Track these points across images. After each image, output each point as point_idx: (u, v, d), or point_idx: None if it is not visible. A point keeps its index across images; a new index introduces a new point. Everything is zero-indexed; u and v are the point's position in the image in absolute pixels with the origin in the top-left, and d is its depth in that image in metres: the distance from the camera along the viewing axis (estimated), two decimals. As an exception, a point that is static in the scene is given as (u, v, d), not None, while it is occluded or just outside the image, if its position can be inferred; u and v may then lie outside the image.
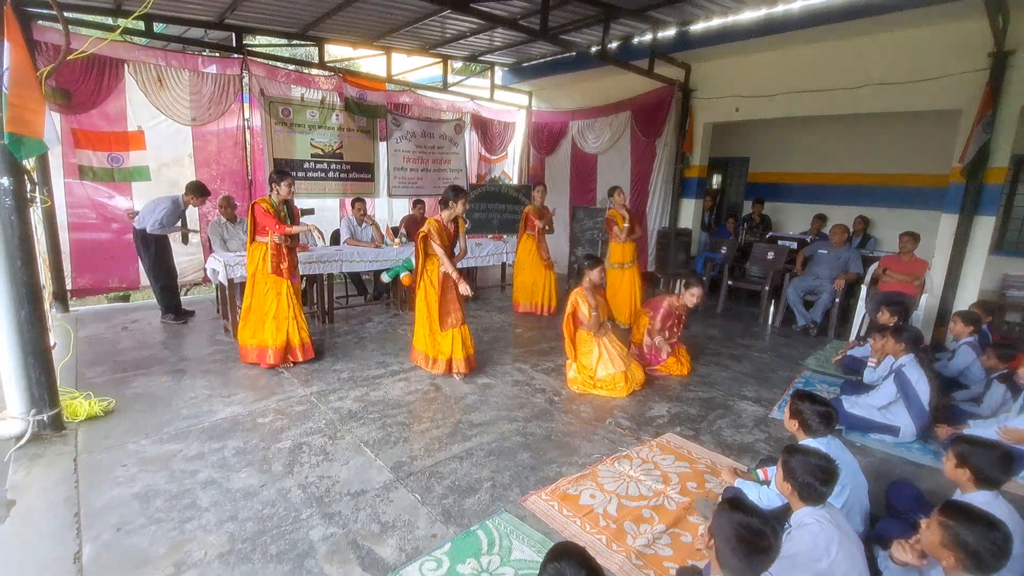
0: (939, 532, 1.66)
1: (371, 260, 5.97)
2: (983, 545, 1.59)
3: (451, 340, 4.20)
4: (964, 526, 1.62)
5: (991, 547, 1.58)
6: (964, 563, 1.60)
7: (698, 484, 2.85)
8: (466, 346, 4.24)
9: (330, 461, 2.97)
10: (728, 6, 5.96)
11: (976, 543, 1.59)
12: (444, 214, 4.17)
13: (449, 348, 4.20)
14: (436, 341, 4.23)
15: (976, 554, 1.59)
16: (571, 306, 4.23)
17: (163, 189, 5.98)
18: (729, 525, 1.53)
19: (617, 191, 6.00)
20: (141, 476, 2.81)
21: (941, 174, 6.29)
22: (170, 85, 5.97)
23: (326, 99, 7.03)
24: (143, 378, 4.13)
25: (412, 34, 6.98)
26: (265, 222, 4.19)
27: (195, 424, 3.38)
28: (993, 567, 1.58)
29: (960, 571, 1.62)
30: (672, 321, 4.64)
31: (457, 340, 4.20)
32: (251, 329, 4.35)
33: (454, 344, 4.20)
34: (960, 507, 1.70)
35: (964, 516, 1.65)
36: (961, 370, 4.23)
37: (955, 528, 1.63)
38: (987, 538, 1.59)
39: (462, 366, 4.23)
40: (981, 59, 5.10)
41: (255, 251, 4.31)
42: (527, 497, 2.67)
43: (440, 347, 4.22)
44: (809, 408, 2.37)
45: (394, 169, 7.94)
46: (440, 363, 4.24)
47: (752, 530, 1.50)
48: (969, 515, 1.65)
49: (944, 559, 1.65)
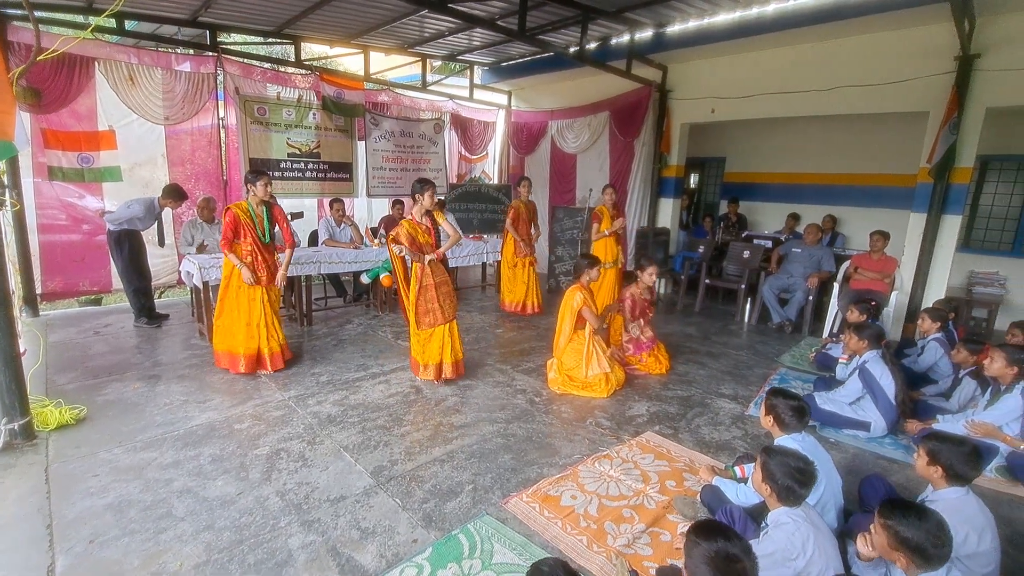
0: (883, 535, 1.69)
1: (350, 261, 5.91)
2: (922, 538, 1.61)
3: (439, 344, 4.12)
4: (900, 523, 1.65)
5: (929, 538, 1.61)
6: (914, 560, 1.63)
7: (677, 482, 2.89)
8: (455, 350, 4.17)
9: (309, 467, 2.94)
10: (703, 8, 6.05)
11: (916, 538, 1.62)
12: (414, 210, 4.10)
13: (438, 352, 4.12)
14: (424, 346, 4.14)
15: (920, 549, 1.61)
16: (579, 303, 4.17)
17: (135, 190, 5.85)
18: (703, 558, 1.48)
19: (608, 190, 6.07)
20: (114, 486, 2.74)
21: (909, 174, 6.48)
22: (142, 83, 5.83)
23: (303, 98, 6.93)
24: (116, 384, 4.03)
25: (390, 33, 6.93)
26: (223, 234, 4.09)
27: (170, 431, 3.31)
28: (938, 557, 1.60)
29: (915, 569, 1.64)
30: (640, 308, 4.73)
31: (446, 344, 4.12)
32: (222, 334, 4.25)
33: (443, 348, 4.12)
34: (894, 505, 1.73)
35: (898, 513, 1.68)
36: (930, 365, 4.35)
37: (894, 527, 1.66)
38: (923, 530, 1.62)
39: (449, 371, 4.16)
40: (947, 63, 5.26)
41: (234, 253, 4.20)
42: (508, 499, 2.68)
43: (429, 352, 4.13)
44: (783, 404, 2.42)
45: (373, 169, 7.87)
46: (430, 368, 4.15)
47: (727, 557, 1.46)
48: (903, 511, 1.68)
49: (897, 561, 1.68)
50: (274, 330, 4.31)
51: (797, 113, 6.52)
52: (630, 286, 4.85)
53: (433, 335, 4.10)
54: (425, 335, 4.10)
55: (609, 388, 4.13)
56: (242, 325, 4.19)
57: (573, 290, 4.25)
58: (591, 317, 4.18)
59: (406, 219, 4.08)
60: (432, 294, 4.06)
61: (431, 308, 4.07)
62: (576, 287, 4.26)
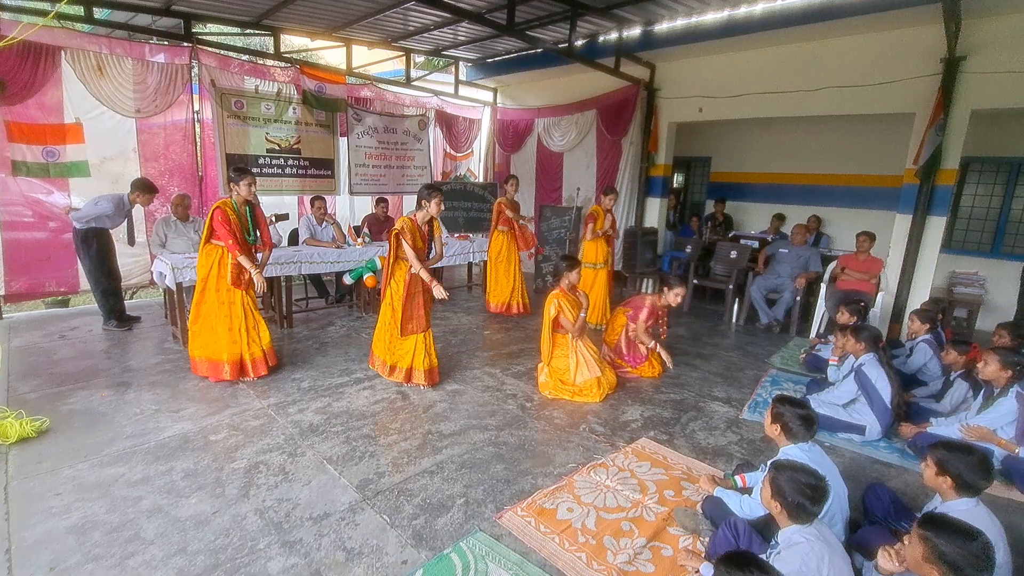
0: (920, 547, 1.64)
1: (333, 261, 5.71)
2: (964, 558, 1.56)
3: (412, 348, 4.01)
4: (943, 539, 1.59)
5: (972, 559, 1.56)
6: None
7: (675, 492, 2.80)
8: (429, 356, 4.04)
9: (290, 482, 2.78)
10: (692, 6, 6.00)
11: (957, 556, 1.56)
12: (419, 215, 3.98)
13: (410, 356, 4.01)
14: (394, 347, 4.04)
15: (958, 568, 1.56)
16: (555, 310, 4.09)
17: (104, 185, 5.58)
18: None
19: (612, 194, 6.01)
20: (78, 505, 2.55)
21: (894, 175, 6.52)
22: (111, 74, 5.55)
23: (282, 91, 6.70)
24: (82, 392, 3.80)
25: (373, 26, 6.74)
26: (221, 235, 3.87)
27: (139, 444, 3.11)
28: None
29: None
30: (654, 320, 4.63)
31: (420, 348, 4.01)
32: (202, 340, 4.03)
33: (415, 353, 4.01)
34: (938, 520, 1.68)
35: (943, 529, 1.63)
36: (919, 367, 4.35)
37: (934, 542, 1.60)
38: (967, 550, 1.57)
39: (422, 378, 4.03)
40: (933, 64, 5.27)
41: (210, 254, 3.96)
42: (502, 513, 2.56)
43: (399, 354, 4.03)
44: (790, 412, 2.34)
45: (355, 166, 7.66)
46: (400, 371, 4.04)
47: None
48: (948, 528, 1.63)
49: (928, 575, 1.62)
50: (255, 334, 4.11)
51: (784, 113, 6.51)
52: (652, 295, 4.72)
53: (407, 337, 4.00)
54: (397, 337, 4.00)
55: (601, 392, 4.04)
56: (224, 330, 3.97)
57: (551, 297, 4.15)
58: (568, 325, 4.08)
59: (407, 217, 3.93)
60: (419, 301, 3.96)
61: (416, 315, 3.98)
62: (556, 293, 4.16)
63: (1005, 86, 4.98)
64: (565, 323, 4.08)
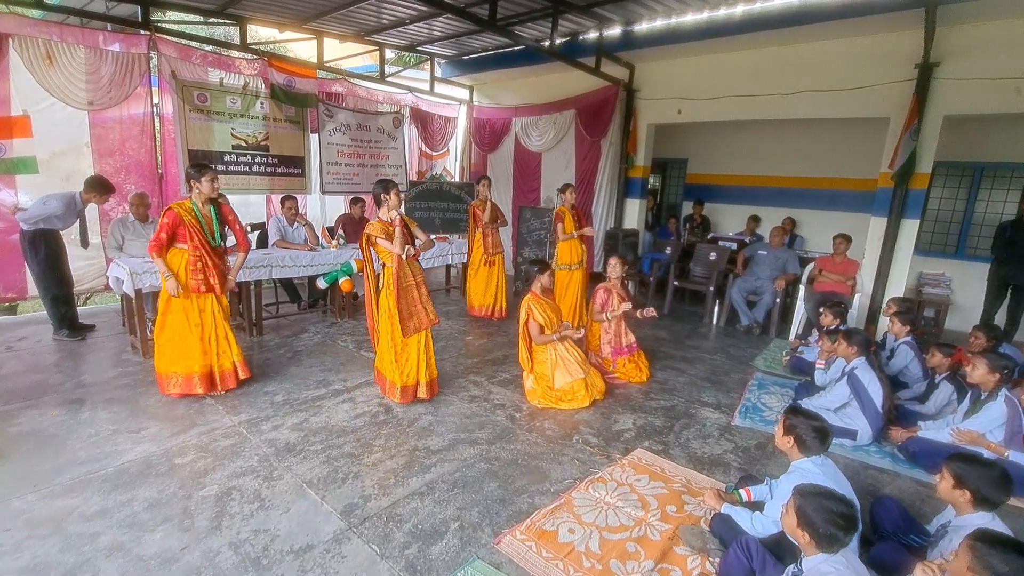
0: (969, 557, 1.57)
1: (305, 265, 5.43)
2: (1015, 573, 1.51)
3: (416, 358, 3.74)
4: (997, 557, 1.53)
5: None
6: None
7: (677, 507, 2.70)
8: (430, 367, 3.82)
9: (267, 509, 2.55)
10: (671, 7, 5.97)
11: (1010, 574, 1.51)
12: (381, 212, 3.75)
13: (415, 370, 3.76)
14: (400, 361, 3.74)
15: None
16: (525, 314, 3.98)
17: (54, 182, 5.16)
18: None
19: (569, 189, 5.81)
20: (28, 544, 2.27)
21: (868, 178, 6.63)
22: (61, 63, 5.13)
23: (249, 85, 6.35)
24: (30, 412, 3.45)
25: (345, 18, 6.48)
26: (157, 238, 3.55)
27: (96, 470, 2.82)
28: None
29: None
30: (611, 299, 4.57)
31: (422, 358, 3.76)
32: (172, 355, 3.68)
33: (419, 365, 3.76)
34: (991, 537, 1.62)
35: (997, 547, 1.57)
36: (900, 369, 4.39)
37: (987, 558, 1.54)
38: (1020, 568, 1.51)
39: (424, 391, 3.81)
40: (908, 70, 5.36)
41: (172, 259, 3.63)
42: (501, 538, 2.40)
43: (406, 369, 3.75)
44: (804, 424, 2.26)
45: (327, 164, 7.35)
46: (407, 390, 3.77)
47: None
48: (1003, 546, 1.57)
49: None
50: (226, 345, 3.81)
51: (762, 116, 6.55)
52: (602, 283, 4.69)
53: (408, 346, 3.72)
54: (399, 347, 3.71)
55: (590, 395, 3.92)
56: (195, 340, 3.67)
57: (524, 301, 4.03)
58: (535, 331, 3.94)
59: (373, 221, 3.71)
60: (414, 295, 3.70)
61: (415, 311, 3.71)
62: (528, 298, 4.03)
63: (975, 93, 5.10)
64: (532, 329, 3.95)
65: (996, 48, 4.97)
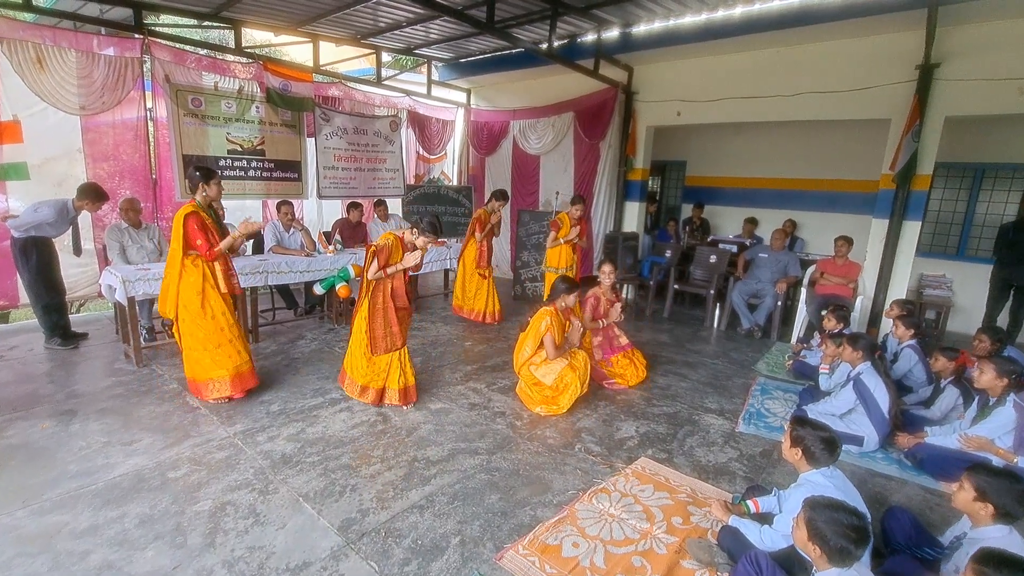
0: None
1: (302, 271, 5.36)
2: None
3: (386, 367, 3.71)
4: None
5: None
6: None
7: (683, 519, 2.64)
8: (404, 374, 3.75)
9: (262, 525, 2.48)
10: (670, 9, 5.93)
11: None
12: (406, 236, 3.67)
13: (383, 376, 3.72)
14: (367, 367, 3.72)
15: None
16: (543, 330, 3.87)
17: (46, 188, 5.09)
18: None
19: (578, 204, 5.82)
20: (17, 562, 2.19)
21: (869, 180, 6.60)
22: (52, 67, 5.05)
23: (244, 89, 6.29)
24: (20, 423, 3.37)
25: (342, 21, 6.42)
26: (199, 243, 3.52)
27: (87, 484, 2.75)
28: None
29: None
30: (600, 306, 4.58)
31: (395, 366, 3.71)
32: (209, 361, 3.65)
33: (390, 371, 3.71)
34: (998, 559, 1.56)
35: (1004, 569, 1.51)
36: (904, 373, 4.34)
37: None
38: None
39: (395, 397, 3.75)
40: (908, 71, 5.32)
41: (196, 270, 3.59)
42: (503, 553, 2.34)
43: (371, 373, 3.71)
44: (812, 436, 2.20)
45: (324, 168, 7.28)
46: (370, 392, 3.73)
47: None
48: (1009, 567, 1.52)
49: None
50: (241, 344, 3.81)
51: (761, 118, 6.51)
52: (594, 288, 4.67)
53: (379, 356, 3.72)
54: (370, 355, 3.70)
55: (577, 376, 3.83)
56: (225, 341, 3.68)
57: (543, 313, 3.94)
58: (549, 347, 3.88)
59: (395, 235, 3.64)
60: (392, 317, 3.66)
61: (390, 332, 3.68)
62: (547, 310, 3.95)
63: (977, 93, 5.06)
64: (547, 343, 3.88)
65: (997, 49, 4.94)
